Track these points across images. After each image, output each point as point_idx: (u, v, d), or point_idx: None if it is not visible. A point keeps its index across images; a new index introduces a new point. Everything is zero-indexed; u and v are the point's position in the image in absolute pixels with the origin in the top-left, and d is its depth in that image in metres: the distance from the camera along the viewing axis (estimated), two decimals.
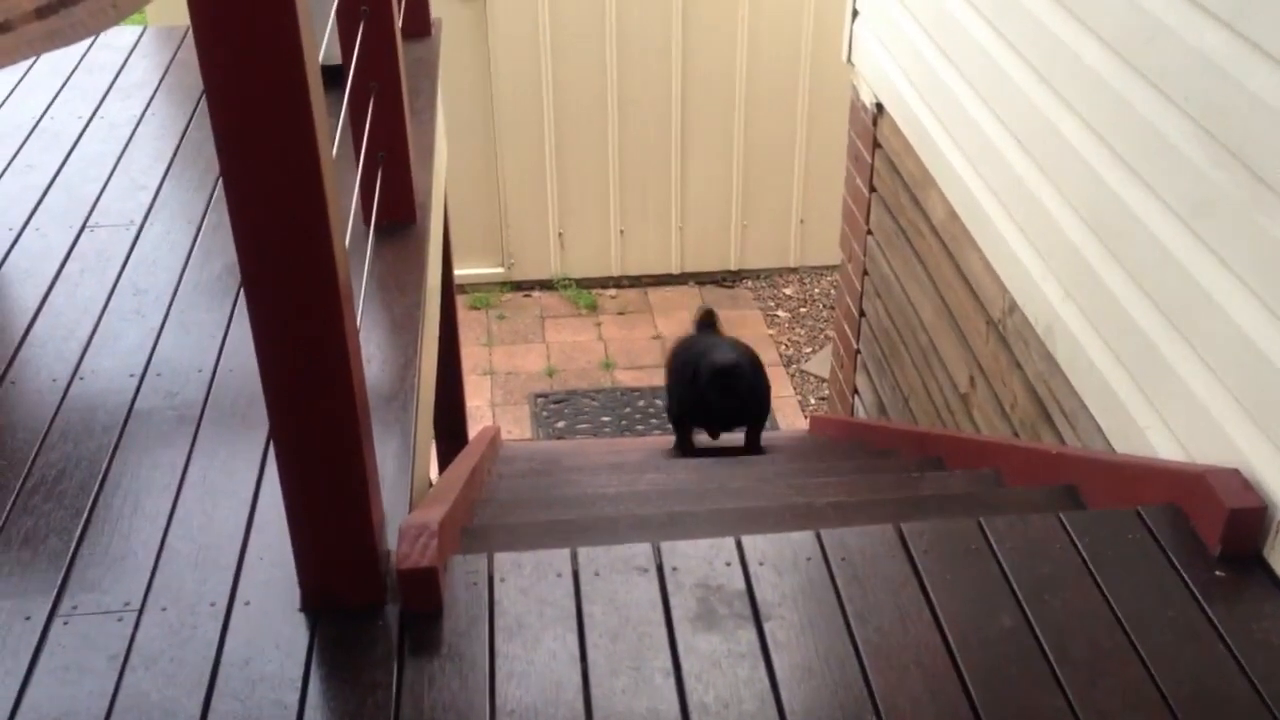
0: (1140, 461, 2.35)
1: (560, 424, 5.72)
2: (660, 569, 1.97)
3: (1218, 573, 1.98)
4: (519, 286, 6.71)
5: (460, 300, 6.20)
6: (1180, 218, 2.25)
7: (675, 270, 6.74)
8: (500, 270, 6.66)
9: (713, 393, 3.83)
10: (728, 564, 1.99)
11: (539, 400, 5.87)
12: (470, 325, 6.30)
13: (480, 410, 5.73)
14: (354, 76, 2.43)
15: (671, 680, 1.75)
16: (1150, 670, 1.79)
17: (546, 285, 6.71)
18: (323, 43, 2.05)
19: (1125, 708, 1.73)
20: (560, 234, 6.60)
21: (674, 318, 6.45)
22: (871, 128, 4.15)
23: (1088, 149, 2.60)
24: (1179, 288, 2.26)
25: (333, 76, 2.22)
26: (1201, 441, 2.18)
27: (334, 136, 1.90)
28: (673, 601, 1.90)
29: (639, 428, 5.69)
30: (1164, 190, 2.31)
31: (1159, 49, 2.31)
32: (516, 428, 5.67)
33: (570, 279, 6.69)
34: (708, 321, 4.45)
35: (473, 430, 4.51)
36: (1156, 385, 2.35)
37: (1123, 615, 1.89)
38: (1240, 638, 1.85)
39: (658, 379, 6.01)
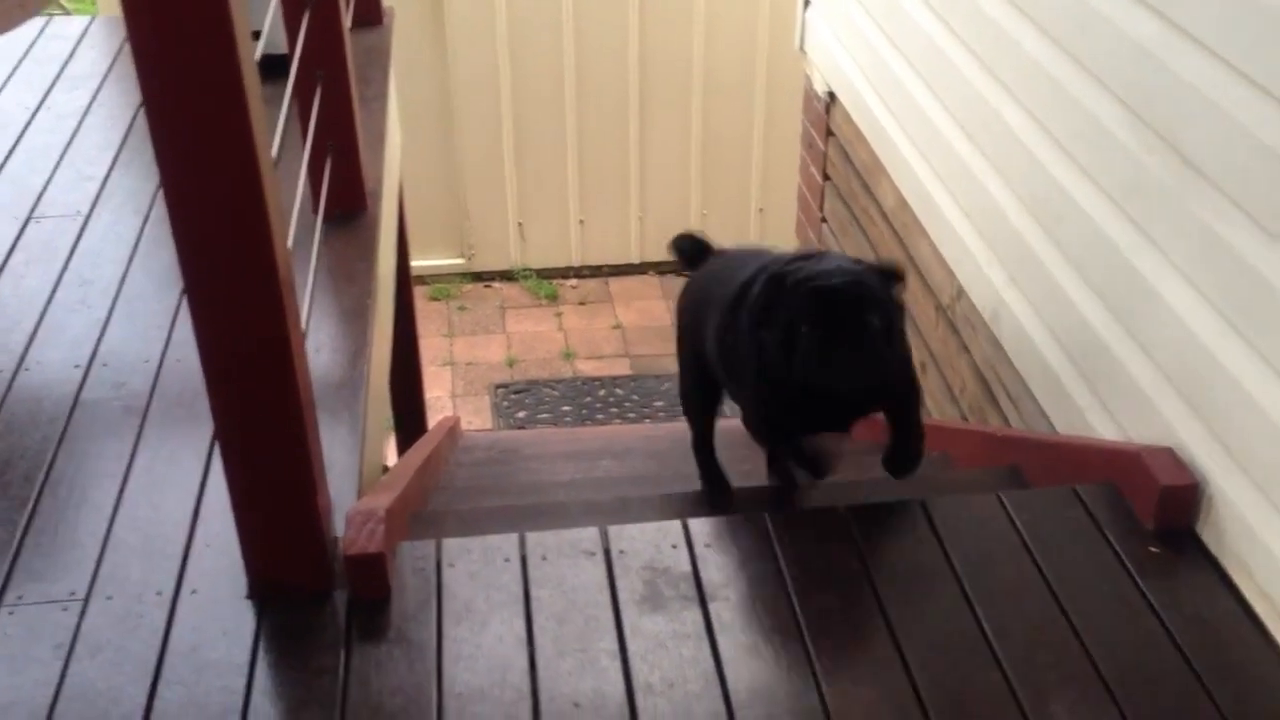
0: (1079, 442, 2.39)
1: (521, 414, 5.73)
2: (608, 552, 1.99)
3: (1152, 548, 2.03)
4: (479, 277, 6.70)
5: (420, 291, 6.19)
6: (1115, 202, 2.30)
7: (635, 260, 6.75)
8: (460, 261, 6.65)
9: (832, 340, 1.92)
10: (674, 546, 2.01)
11: (499, 391, 5.87)
12: (430, 316, 6.28)
13: (440, 401, 5.72)
14: (299, 65, 2.42)
15: (617, 661, 1.77)
16: (1085, 645, 1.83)
17: (507, 276, 6.70)
18: (265, 30, 2.05)
19: (1061, 682, 1.77)
20: (520, 224, 6.60)
21: (634, 307, 6.47)
22: (825, 116, 4.18)
23: (1028, 136, 2.64)
24: (1114, 272, 2.30)
25: (278, 65, 2.22)
26: (1137, 422, 2.23)
27: (279, 126, 1.90)
28: (619, 584, 1.92)
29: (599, 417, 5.71)
30: (1099, 175, 2.35)
31: (1093, 36, 2.35)
32: (477, 418, 5.66)
33: (530, 269, 6.69)
34: (697, 246, 2.51)
35: (432, 421, 4.51)
36: (1095, 367, 2.40)
37: (1059, 591, 1.93)
38: (1173, 612, 1.90)
39: (618, 368, 6.03)
